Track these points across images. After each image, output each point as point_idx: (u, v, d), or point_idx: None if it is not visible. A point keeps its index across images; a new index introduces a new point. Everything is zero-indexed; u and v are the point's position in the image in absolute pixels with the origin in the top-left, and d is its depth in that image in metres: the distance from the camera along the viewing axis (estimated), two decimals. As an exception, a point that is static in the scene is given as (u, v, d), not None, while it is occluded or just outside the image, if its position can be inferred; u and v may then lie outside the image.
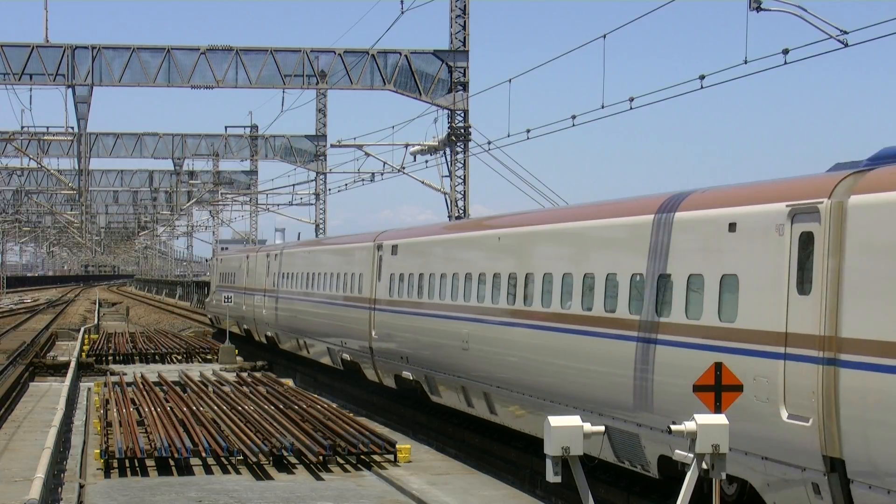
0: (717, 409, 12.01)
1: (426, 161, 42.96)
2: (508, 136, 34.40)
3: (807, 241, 13.27)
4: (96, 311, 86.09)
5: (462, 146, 41.49)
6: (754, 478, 14.01)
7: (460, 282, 23.47)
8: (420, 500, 19.50)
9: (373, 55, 43.66)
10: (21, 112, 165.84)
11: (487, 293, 21.77)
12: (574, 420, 12.06)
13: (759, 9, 21.84)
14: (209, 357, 46.82)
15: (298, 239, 51.75)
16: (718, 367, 12.16)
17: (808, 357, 12.94)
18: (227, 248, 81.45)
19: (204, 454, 22.62)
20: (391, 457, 23.23)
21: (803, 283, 13.23)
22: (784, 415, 13.23)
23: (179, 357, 47.74)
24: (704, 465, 11.66)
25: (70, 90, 44.10)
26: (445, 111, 42.64)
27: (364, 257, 31.38)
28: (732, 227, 14.59)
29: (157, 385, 34.70)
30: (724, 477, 12.03)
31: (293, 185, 78.05)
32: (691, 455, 11.72)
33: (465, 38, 42.63)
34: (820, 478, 12.79)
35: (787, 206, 13.64)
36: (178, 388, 33.79)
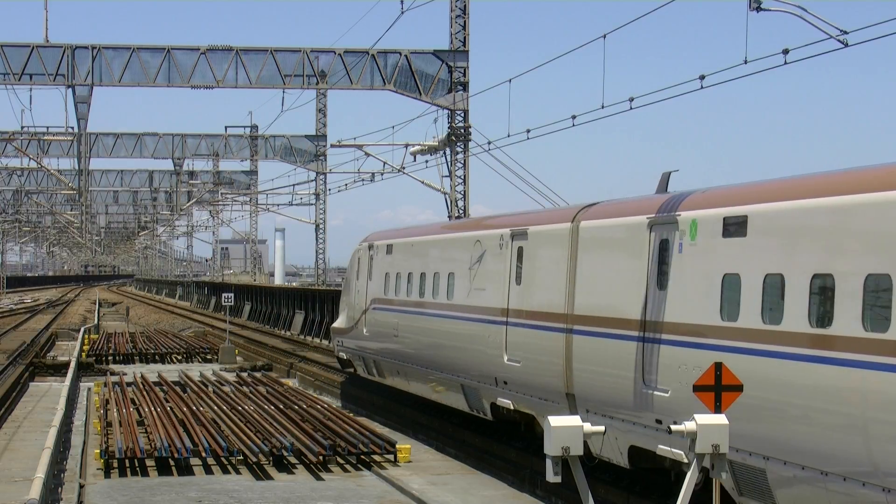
0: (717, 409, 12.00)
1: (426, 161, 43.02)
2: (508, 136, 34.45)
3: None
4: (96, 311, 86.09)
5: (462, 146, 41.50)
6: None
7: None
8: (420, 500, 19.52)
9: (373, 55, 43.68)
10: (21, 112, 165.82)
11: None
12: (574, 420, 12.07)
13: (759, 9, 21.88)
14: (209, 357, 46.83)
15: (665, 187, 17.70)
16: (718, 367, 12.15)
17: None
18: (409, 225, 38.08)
19: (204, 454, 22.62)
20: (391, 457, 23.23)
21: None
22: None
23: (179, 357, 47.74)
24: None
25: (70, 90, 44.15)
26: (445, 111, 42.67)
27: None
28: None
29: (157, 385, 34.70)
30: (724, 477, 12.04)
31: (293, 185, 78.33)
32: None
33: (465, 38, 42.65)
34: None
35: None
36: (178, 388, 33.79)
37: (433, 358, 24.64)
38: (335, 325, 33.46)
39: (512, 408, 20.79)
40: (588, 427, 11.99)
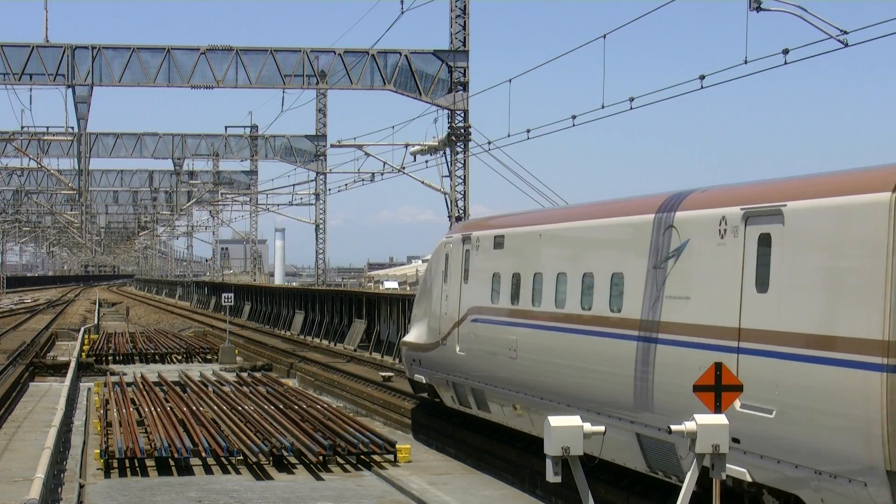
0: (717, 409, 11.97)
1: (426, 161, 43.02)
2: (508, 136, 34.50)
3: None
4: (96, 311, 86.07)
5: (462, 146, 41.49)
6: None
7: None
8: (420, 500, 19.51)
9: (373, 55, 43.66)
10: (21, 112, 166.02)
11: None
12: (574, 420, 12.03)
13: (759, 9, 21.90)
14: (209, 357, 46.82)
15: None
16: (718, 367, 12.10)
17: None
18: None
19: (204, 454, 22.62)
20: (391, 457, 23.23)
21: None
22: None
23: (179, 357, 47.73)
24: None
25: (70, 90, 44.12)
26: (445, 111, 42.65)
27: None
28: None
29: (157, 385, 34.70)
30: (724, 477, 11.99)
31: (293, 185, 78.34)
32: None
33: (465, 38, 42.62)
34: None
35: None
36: (178, 388, 33.79)
37: (583, 392, 17.63)
38: (407, 338, 26.35)
39: (748, 479, 13.73)
40: (588, 427, 11.95)
